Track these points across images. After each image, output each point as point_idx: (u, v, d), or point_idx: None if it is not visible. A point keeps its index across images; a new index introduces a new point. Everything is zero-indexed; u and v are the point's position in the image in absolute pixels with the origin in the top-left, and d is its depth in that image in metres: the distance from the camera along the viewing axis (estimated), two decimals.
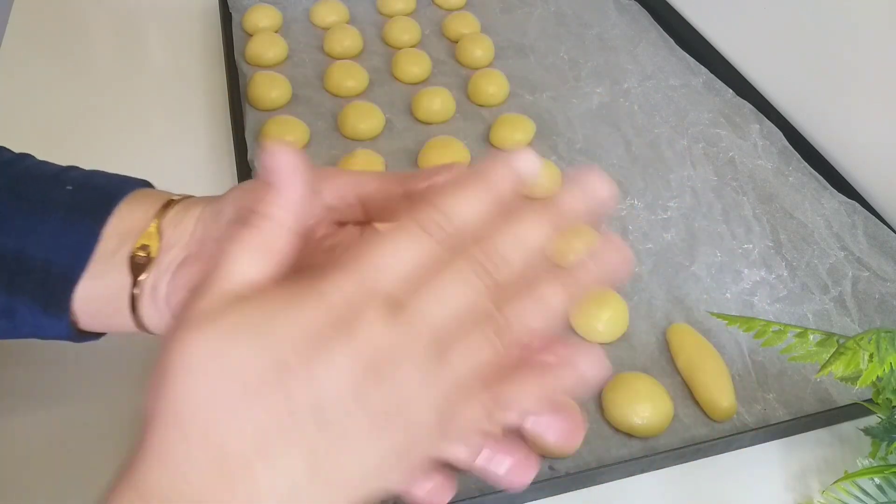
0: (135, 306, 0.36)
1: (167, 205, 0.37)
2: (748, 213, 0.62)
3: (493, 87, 0.72)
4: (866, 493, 0.41)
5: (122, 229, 0.36)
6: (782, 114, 0.70)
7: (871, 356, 0.39)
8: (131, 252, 0.36)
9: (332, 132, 0.67)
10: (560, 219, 0.27)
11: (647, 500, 0.45)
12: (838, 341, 0.41)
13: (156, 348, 0.25)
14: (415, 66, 0.74)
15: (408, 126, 0.69)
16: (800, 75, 0.69)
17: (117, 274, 0.36)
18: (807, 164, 0.65)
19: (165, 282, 0.35)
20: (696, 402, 0.48)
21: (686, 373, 0.49)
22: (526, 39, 0.81)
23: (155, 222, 0.36)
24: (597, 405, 0.48)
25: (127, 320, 0.37)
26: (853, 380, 0.40)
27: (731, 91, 0.73)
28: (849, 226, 0.60)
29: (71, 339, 0.38)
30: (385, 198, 0.34)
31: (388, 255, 0.25)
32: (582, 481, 0.44)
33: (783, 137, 0.68)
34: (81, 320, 0.37)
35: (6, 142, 0.42)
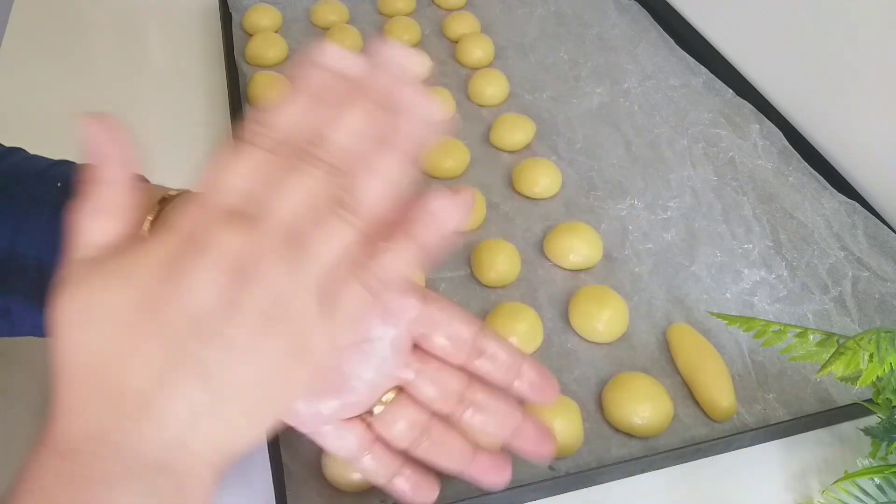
0: None
1: (163, 201, 0.36)
2: (748, 213, 0.62)
3: (493, 87, 0.72)
4: (866, 493, 0.41)
5: None
6: (782, 114, 0.70)
7: (871, 356, 0.39)
8: None
9: None
10: (372, 93, 0.28)
11: (647, 500, 0.45)
12: (838, 341, 0.41)
13: None
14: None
15: None
16: (800, 75, 0.69)
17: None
18: (807, 164, 0.65)
19: None
20: (696, 402, 0.48)
21: (686, 373, 0.49)
22: (526, 39, 0.81)
23: (149, 219, 0.35)
24: (597, 405, 0.48)
25: None
26: (853, 380, 0.40)
27: (731, 91, 0.73)
28: (849, 226, 0.60)
29: None
30: None
31: (223, 174, 0.26)
32: (582, 481, 0.44)
33: (783, 137, 0.68)
34: None
35: (6, 142, 0.42)
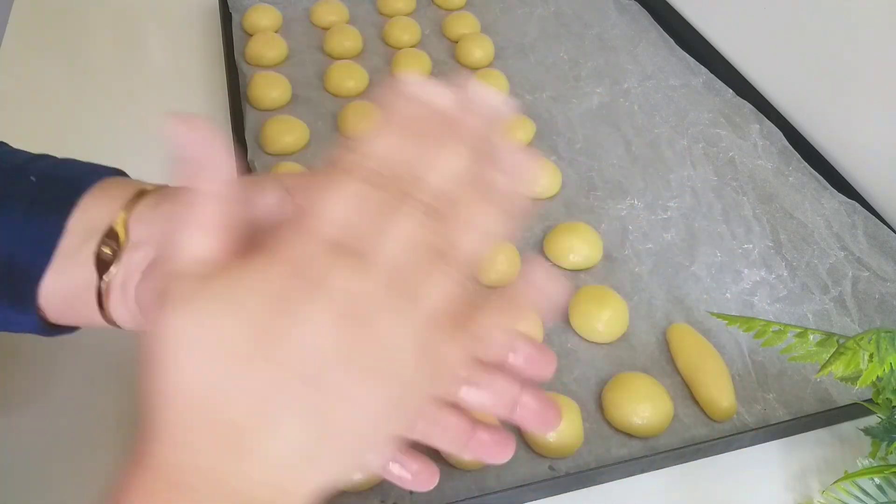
0: (102, 302, 0.35)
1: (137, 196, 0.35)
2: (748, 213, 0.62)
3: (492, 87, 0.71)
4: (866, 493, 0.41)
5: (88, 223, 0.35)
6: (782, 114, 0.70)
7: (871, 356, 0.39)
8: (96, 248, 0.34)
9: (332, 132, 0.67)
10: (472, 137, 0.28)
11: (647, 500, 0.45)
12: (838, 341, 0.41)
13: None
14: (415, 66, 0.74)
15: None
16: (800, 75, 0.69)
17: (83, 270, 0.35)
18: (807, 164, 0.65)
19: (134, 283, 0.34)
20: (696, 402, 0.48)
21: (686, 373, 0.49)
22: (526, 39, 0.81)
23: (122, 216, 0.34)
24: (597, 405, 0.48)
25: (95, 315, 0.35)
26: (853, 380, 0.40)
27: (731, 91, 0.73)
28: (849, 226, 0.60)
29: (40, 333, 0.37)
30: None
31: (327, 204, 0.26)
32: (582, 481, 0.44)
33: (783, 137, 0.68)
34: (49, 315, 0.36)
35: (6, 141, 0.42)
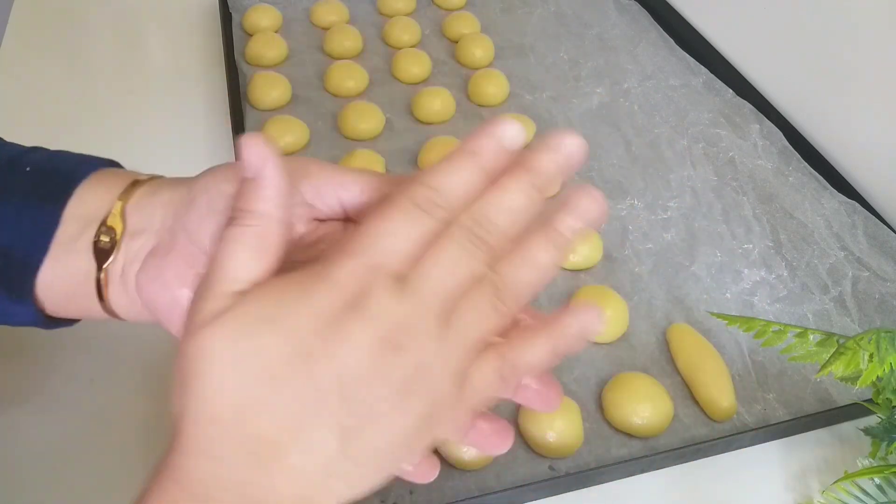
0: (101, 292, 0.35)
1: (133, 185, 0.35)
2: (748, 213, 0.62)
3: (493, 87, 0.72)
4: (866, 493, 0.41)
5: (84, 212, 0.35)
6: (782, 114, 0.70)
7: (871, 356, 0.39)
8: (94, 237, 0.34)
9: (332, 132, 0.67)
10: (539, 179, 0.28)
11: (647, 500, 0.45)
12: (838, 341, 0.41)
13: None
14: (415, 66, 0.74)
15: (408, 126, 0.69)
16: (800, 75, 0.69)
17: (81, 259, 0.34)
18: (807, 164, 0.65)
19: (134, 271, 0.34)
20: (696, 402, 0.48)
21: (686, 373, 0.49)
22: (526, 39, 0.81)
23: (118, 205, 0.34)
24: (597, 405, 0.48)
25: (95, 306, 0.35)
26: (853, 380, 0.40)
27: (731, 91, 0.73)
28: (849, 226, 0.60)
29: (39, 326, 0.37)
30: (367, 201, 0.34)
31: (389, 235, 0.26)
32: (582, 481, 0.44)
33: (783, 137, 0.68)
34: (48, 307, 0.36)
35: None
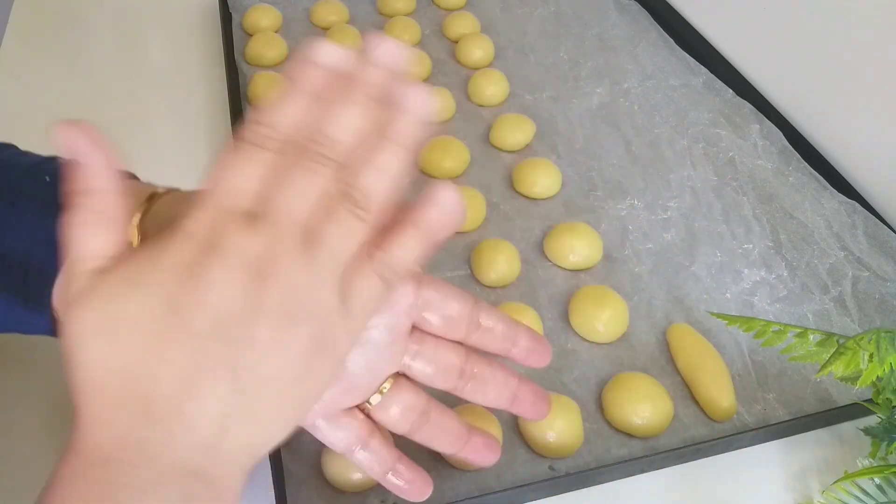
0: None
1: (151, 198, 0.36)
2: (748, 213, 0.62)
3: (493, 87, 0.72)
4: (866, 493, 0.41)
5: None
6: (782, 114, 0.70)
7: (871, 356, 0.39)
8: None
9: None
10: (368, 89, 0.29)
11: (647, 500, 0.45)
12: (838, 341, 0.41)
13: None
14: (415, 66, 0.74)
15: None
16: (800, 75, 0.69)
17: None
18: (807, 164, 0.65)
19: None
20: (696, 402, 0.48)
21: (686, 373, 0.49)
22: (526, 39, 0.81)
23: (136, 217, 0.35)
24: (597, 405, 0.48)
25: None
26: (853, 380, 0.40)
27: (731, 91, 0.73)
28: (849, 226, 0.60)
29: (52, 335, 0.37)
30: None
31: (229, 177, 0.26)
32: (582, 481, 0.44)
33: (783, 137, 0.68)
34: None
35: (5, 141, 0.42)
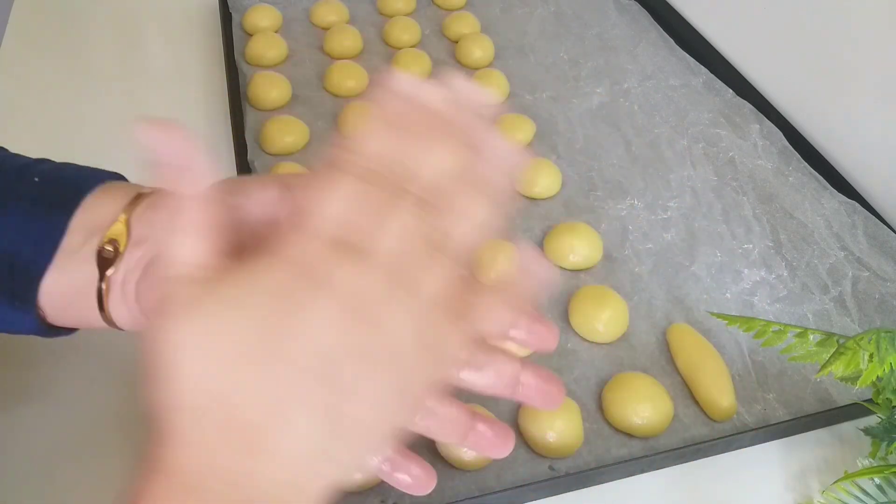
0: (102, 302, 0.35)
1: (137, 197, 0.36)
2: (748, 213, 0.62)
3: (493, 87, 0.72)
4: (866, 493, 0.41)
5: (90, 223, 0.35)
6: (782, 114, 0.70)
7: (871, 356, 0.39)
8: (98, 246, 0.35)
9: (331, 132, 0.67)
10: (451, 127, 0.28)
11: (647, 500, 0.45)
12: (838, 341, 0.41)
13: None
14: (415, 66, 0.74)
15: None
16: (800, 75, 0.69)
17: (84, 268, 0.35)
18: (807, 164, 0.65)
19: (134, 280, 0.34)
20: (696, 402, 0.48)
21: (686, 373, 0.49)
22: (526, 39, 0.81)
23: (123, 216, 0.35)
24: (597, 405, 0.48)
25: (95, 315, 0.35)
26: (853, 380, 0.40)
27: (731, 91, 0.73)
28: (849, 226, 0.60)
29: (39, 334, 0.37)
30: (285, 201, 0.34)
31: (326, 202, 0.26)
32: (582, 481, 0.44)
33: (783, 137, 0.68)
34: (49, 315, 0.36)
35: (5, 142, 0.42)
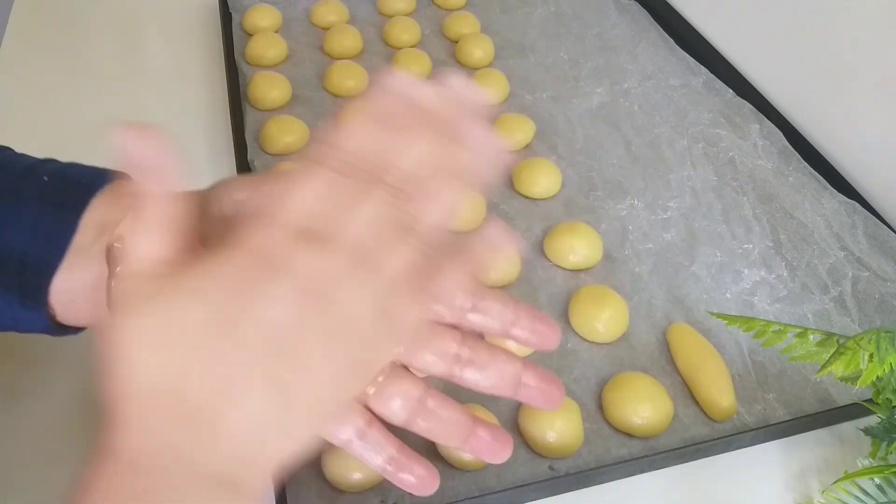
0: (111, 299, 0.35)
1: None
2: (748, 213, 0.62)
3: (493, 87, 0.72)
4: (866, 493, 0.41)
5: (100, 220, 0.35)
6: (782, 114, 0.70)
7: (871, 356, 0.39)
8: (108, 244, 0.34)
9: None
10: (437, 121, 0.29)
11: (647, 500, 0.45)
12: (838, 341, 0.41)
13: None
14: (415, 66, 0.74)
15: None
16: (800, 75, 0.69)
17: (95, 266, 0.35)
18: (807, 164, 0.65)
19: None
20: (696, 402, 0.48)
21: (686, 373, 0.49)
22: (526, 39, 0.81)
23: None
24: (597, 405, 0.48)
25: (104, 313, 0.35)
26: (853, 380, 0.40)
27: (731, 91, 0.73)
28: (849, 226, 0.60)
29: (49, 333, 0.37)
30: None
31: (294, 194, 0.27)
32: (582, 481, 0.44)
33: (783, 137, 0.68)
34: (59, 313, 0.36)
35: (5, 142, 0.42)
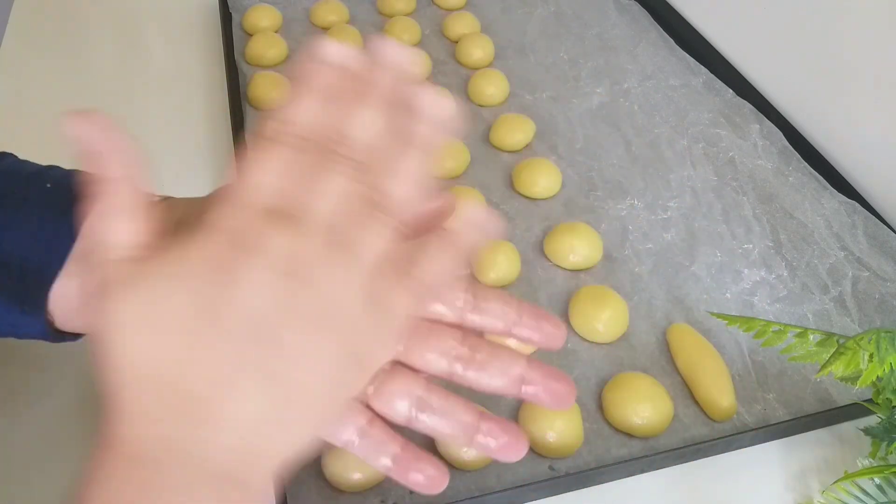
0: None
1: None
2: (748, 213, 0.62)
3: (493, 87, 0.72)
4: (866, 493, 0.41)
5: None
6: (782, 114, 0.70)
7: (871, 356, 0.39)
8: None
9: None
10: (382, 91, 0.29)
11: (647, 500, 0.45)
12: (838, 341, 0.41)
13: None
14: (418, 67, 0.74)
15: None
16: (800, 75, 0.69)
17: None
18: (807, 164, 0.65)
19: None
20: (696, 402, 0.48)
21: (686, 373, 0.49)
22: (526, 39, 0.81)
23: None
24: (597, 405, 0.48)
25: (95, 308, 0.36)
26: (853, 380, 0.40)
27: (731, 91, 0.73)
28: (849, 226, 0.60)
29: (47, 339, 0.37)
30: None
31: (255, 173, 0.26)
32: (582, 481, 0.44)
33: (783, 137, 0.68)
34: (58, 319, 0.36)
35: (5, 142, 0.42)
